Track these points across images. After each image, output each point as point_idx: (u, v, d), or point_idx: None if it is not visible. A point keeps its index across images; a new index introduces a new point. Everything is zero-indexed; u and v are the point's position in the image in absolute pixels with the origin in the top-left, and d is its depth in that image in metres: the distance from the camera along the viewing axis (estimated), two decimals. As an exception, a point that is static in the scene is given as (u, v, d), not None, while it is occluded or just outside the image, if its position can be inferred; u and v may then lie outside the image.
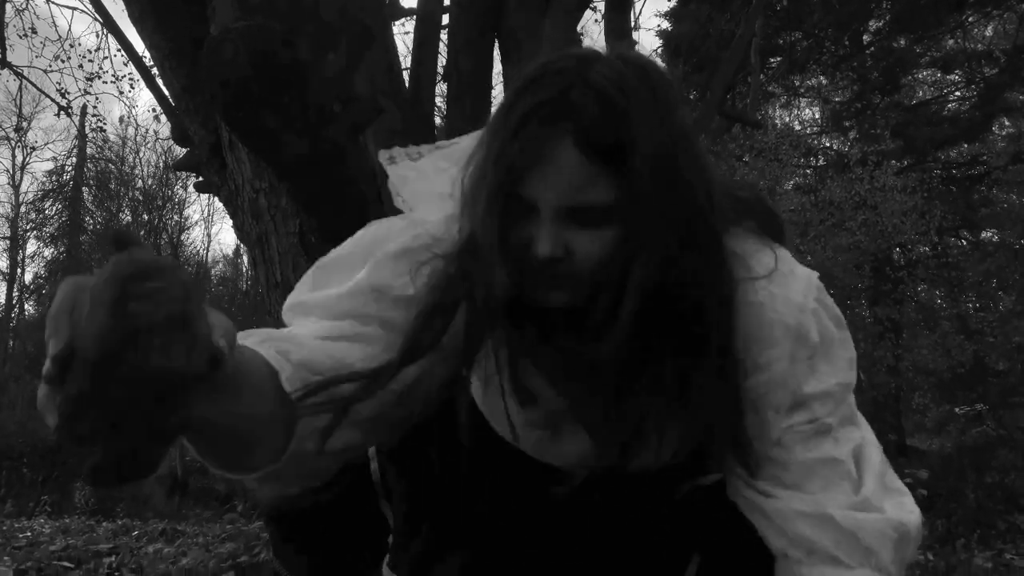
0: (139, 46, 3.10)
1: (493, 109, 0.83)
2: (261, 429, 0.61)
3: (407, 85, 2.76)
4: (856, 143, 12.75)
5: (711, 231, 0.78)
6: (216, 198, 2.45)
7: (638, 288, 0.73)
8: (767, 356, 0.81)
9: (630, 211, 0.72)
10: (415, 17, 3.11)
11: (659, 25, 12.37)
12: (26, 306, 23.34)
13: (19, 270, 22.61)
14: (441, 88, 3.86)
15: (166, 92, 2.59)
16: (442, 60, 3.38)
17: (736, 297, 0.80)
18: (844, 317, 0.92)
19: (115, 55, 8.98)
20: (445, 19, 3.27)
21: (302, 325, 0.80)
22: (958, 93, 13.24)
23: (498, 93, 3.59)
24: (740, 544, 0.89)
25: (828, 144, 14.02)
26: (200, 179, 2.46)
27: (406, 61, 3.05)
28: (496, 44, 2.98)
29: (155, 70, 2.85)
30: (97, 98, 12.13)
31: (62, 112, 8.23)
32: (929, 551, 4.33)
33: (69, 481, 12.51)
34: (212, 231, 36.06)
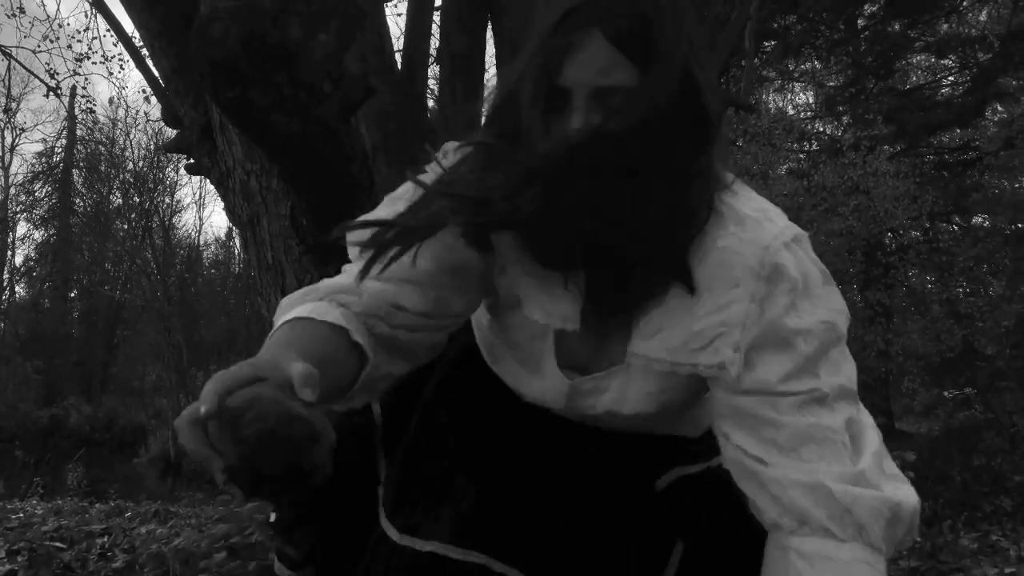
0: (128, 26, 3.08)
1: (486, 90, 0.87)
2: (341, 382, 0.82)
3: (399, 66, 2.74)
4: (849, 128, 12.74)
5: (710, 124, 0.85)
6: (208, 180, 2.44)
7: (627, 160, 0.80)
8: (728, 296, 0.84)
9: (648, 95, 0.81)
10: (407, -2, 3.08)
11: (653, 8, 12.27)
12: (16, 288, 23.24)
13: (9, 252, 22.49)
14: (434, 69, 3.83)
15: (156, 73, 2.57)
16: (435, 42, 3.36)
17: (700, 244, 0.87)
18: None
19: (104, 35, 8.91)
20: (438, 1, 3.25)
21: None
22: (951, 78, 13.24)
23: (491, 75, 3.57)
24: (724, 531, 0.90)
25: (821, 129, 14.02)
26: (191, 161, 2.45)
27: (399, 43, 3.04)
28: (489, 26, 2.96)
29: (145, 51, 2.82)
30: (87, 79, 12.02)
31: (51, 93, 8.16)
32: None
33: (61, 463, 12.53)
34: (204, 214, 35.91)
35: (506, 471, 0.99)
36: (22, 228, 23.43)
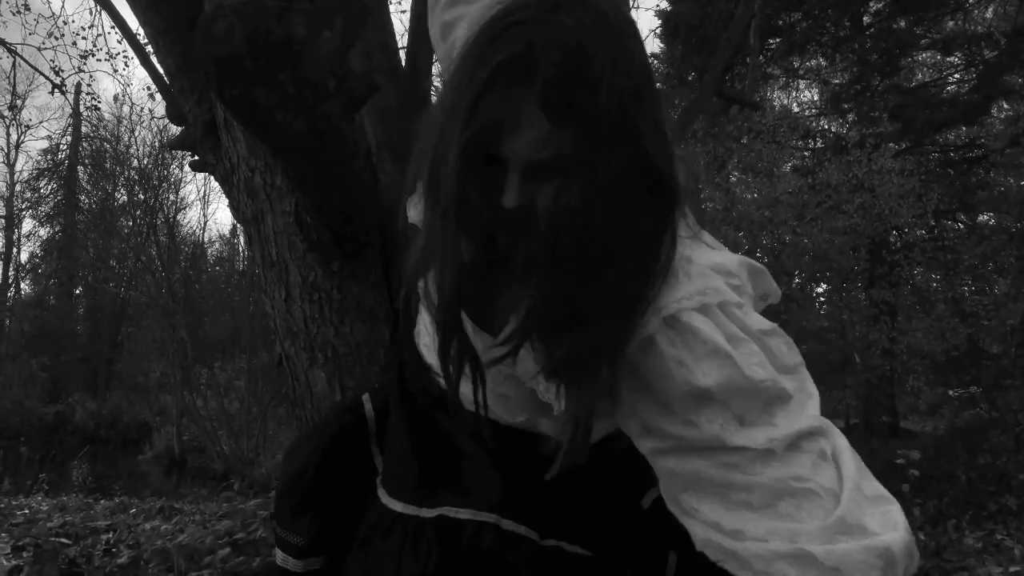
0: (133, 23, 3.08)
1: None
2: None
3: (404, 64, 2.74)
4: (854, 125, 12.72)
5: (667, 189, 0.79)
6: (212, 177, 2.44)
7: (559, 215, 0.75)
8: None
9: (584, 161, 0.74)
10: (412, -5, 3.08)
11: (658, 4, 12.33)
12: (22, 285, 23.33)
13: (15, 249, 22.57)
14: (437, 66, 3.83)
15: (161, 70, 2.57)
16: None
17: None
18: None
19: (109, 32, 8.92)
20: (442, -3, 3.23)
21: None
22: (957, 75, 13.20)
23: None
24: None
25: (826, 126, 13.99)
26: (195, 158, 2.45)
27: (403, 40, 3.03)
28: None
29: (149, 48, 2.83)
30: (91, 76, 12.05)
31: (56, 90, 8.19)
32: (920, 531, 4.38)
33: (67, 460, 12.57)
34: (208, 211, 36.06)
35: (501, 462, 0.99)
36: (27, 225, 23.60)
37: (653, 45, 14.27)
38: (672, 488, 0.82)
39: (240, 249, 19.83)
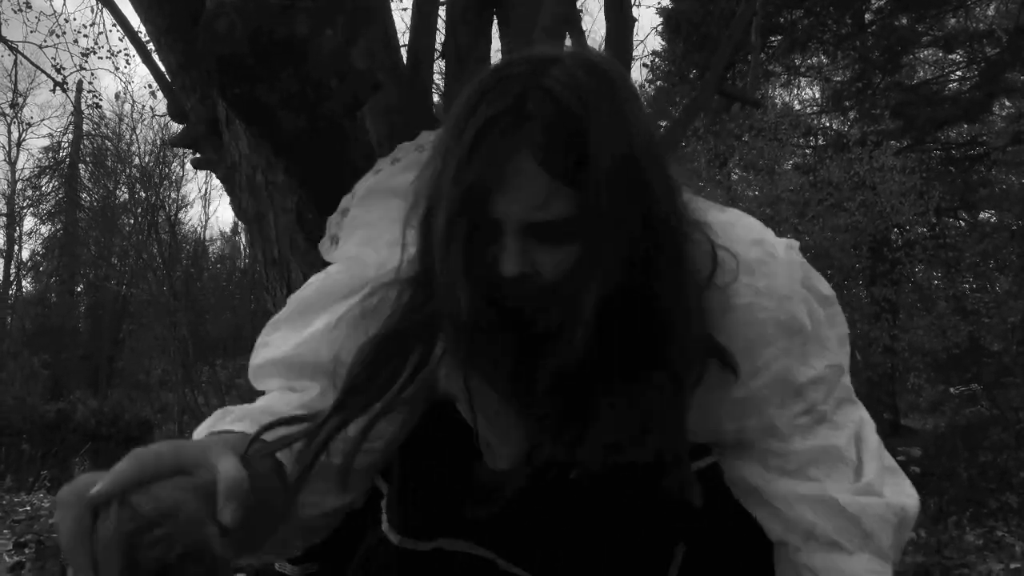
0: (134, 20, 3.07)
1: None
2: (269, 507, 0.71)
3: (405, 61, 2.74)
4: (856, 123, 12.71)
5: (675, 238, 0.75)
6: (214, 175, 2.44)
7: (593, 299, 0.71)
8: (764, 356, 0.79)
9: (589, 224, 0.70)
10: (413, -7, 3.08)
11: (659, 2, 12.29)
12: (23, 283, 23.34)
13: (16, 247, 22.58)
14: (440, 65, 3.83)
15: (162, 68, 2.57)
16: (441, 36, 3.35)
17: (716, 300, 0.78)
18: (839, 295, 0.91)
19: (110, 30, 8.93)
20: (443, -5, 3.24)
21: (272, 389, 0.88)
22: (959, 73, 13.18)
23: (496, 70, 3.58)
24: (726, 531, 0.88)
25: (828, 124, 13.98)
26: (197, 156, 2.46)
27: (404, 38, 3.03)
28: (495, 19, 2.96)
29: (151, 45, 2.83)
30: (93, 74, 12.05)
31: (58, 88, 8.19)
32: (921, 528, 4.38)
33: (68, 457, 12.59)
34: (210, 209, 36.09)
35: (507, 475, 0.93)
36: (29, 223, 23.61)
37: (654, 42, 14.28)
38: (716, 440, 0.86)
39: (241, 247, 19.86)
